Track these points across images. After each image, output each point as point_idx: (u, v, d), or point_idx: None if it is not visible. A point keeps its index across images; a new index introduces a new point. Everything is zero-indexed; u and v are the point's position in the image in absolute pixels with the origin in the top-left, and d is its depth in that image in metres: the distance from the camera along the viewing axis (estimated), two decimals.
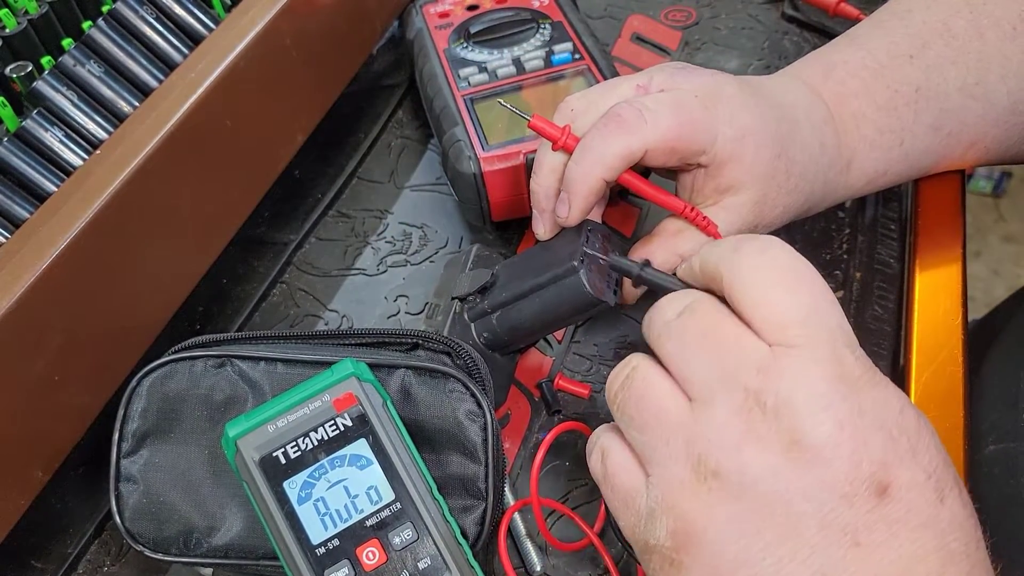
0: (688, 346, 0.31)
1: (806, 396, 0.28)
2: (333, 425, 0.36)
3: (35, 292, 0.37)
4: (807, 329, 0.29)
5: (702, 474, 0.29)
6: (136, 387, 0.39)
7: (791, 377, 0.28)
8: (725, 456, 0.29)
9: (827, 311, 0.30)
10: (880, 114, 0.46)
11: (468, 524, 0.38)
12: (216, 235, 0.48)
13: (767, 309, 0.30)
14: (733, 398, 0.29)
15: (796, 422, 0.28)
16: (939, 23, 0.46)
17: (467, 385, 0.38)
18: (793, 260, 0.31)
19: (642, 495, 0.31)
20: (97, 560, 0.43)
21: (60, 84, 0.43)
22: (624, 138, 0.40)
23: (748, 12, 0.68)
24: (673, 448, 0.30)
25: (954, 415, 0.43)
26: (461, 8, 0.61)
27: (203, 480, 0.39)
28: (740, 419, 0.29)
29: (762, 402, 0.28)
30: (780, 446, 0.28)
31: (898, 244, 0.52)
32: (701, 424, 0.29)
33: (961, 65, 0.46)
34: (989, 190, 1.95)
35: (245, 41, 0.47)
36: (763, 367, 0.29)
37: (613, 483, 0.32)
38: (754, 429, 0.28)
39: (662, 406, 0.31)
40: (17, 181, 0.41)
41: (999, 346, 0.53)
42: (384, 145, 0.62)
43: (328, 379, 0.36)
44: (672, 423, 0.30)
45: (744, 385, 0.29)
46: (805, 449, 0.28)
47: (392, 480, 0.36)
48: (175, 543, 0.39)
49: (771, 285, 0.30)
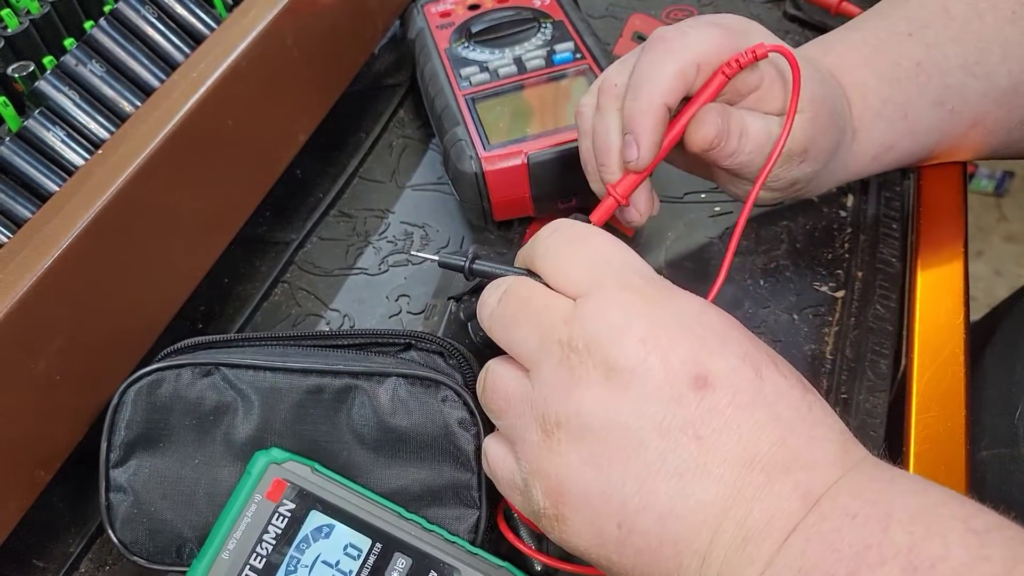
0: (510, 326, 0.34)
1: (606, 327, 0.31)
2: (279, 516, 0.36)
3: (37, 292, 0.37)
4: (594, 274, 0.32)
5: (548, 430, 0.31)
6: (122, 397, 0.39)
7: (590, 317, 0.31)
8: (560, 406, 0.31)
9: (607, 252, 0.33)
10: (883, 84, 0.46)
11: (462, 532, 0.38)
12: (218, 234, 0.48)
13: (559, 271, 0.33)
14: (552, 354, 0.32)
15: (605, 352, 0.30)
16: (937, 6, 0.47)
17: (459, 393, 0.38)
18: (574, 226, 0.35)
19: (516, 472, 0.33)
20: (99, 559, 0.43)
21: (62, 84, 0.43)
22: (674, 55, 0.40)
23: (750, 11, 0.68)
24: (524, 419, 0.32)
25: (956, 415, 0.43)
26: (462, 7, 0.61)
27: (194, 489, 0.39)
28: (563, 369, 0.31)
29: (575, 347, 0.31)
30: (600, 379, 0.30)
31: (900, 243, 0.52)
32: (536, 388, 0.32)
33: (961, 43, 0.46)
34: (991, 189, 1.95)
35: (247, 41, 0.47)
36: (568, 319, 0.32)
37: (496, 474, 0.35)
38: (575, 374, 0.31)
39: (508, 389, 0.33)
40: (19, 181, 0.41)
41: (992, 350, 0.53)
42: (385, 144, 0.62)
43: (250, 480, 0.36)
44: (518, 399, 0.33)
45: (557, 339, 0.32)
46: (620, 372, 0.30)
47: (361, 528, 0.36)
48: (167, 553, 0.39)
49: (559, 251, 0.34)
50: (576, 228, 0.35)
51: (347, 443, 0.39)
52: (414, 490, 0.38)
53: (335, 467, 0.39)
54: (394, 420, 0.38)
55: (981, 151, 0.50)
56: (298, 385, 0.39)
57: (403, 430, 0.38)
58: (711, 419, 0.29)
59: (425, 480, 0.38)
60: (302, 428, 0.39)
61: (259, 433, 0.39)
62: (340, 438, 0.39)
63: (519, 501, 0.34)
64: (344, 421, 0.39)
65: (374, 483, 0.38)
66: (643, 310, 0.31)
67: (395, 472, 0.39)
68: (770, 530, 0.28)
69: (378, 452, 0.39)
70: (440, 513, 0.38)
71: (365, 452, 0.39)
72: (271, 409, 0.39)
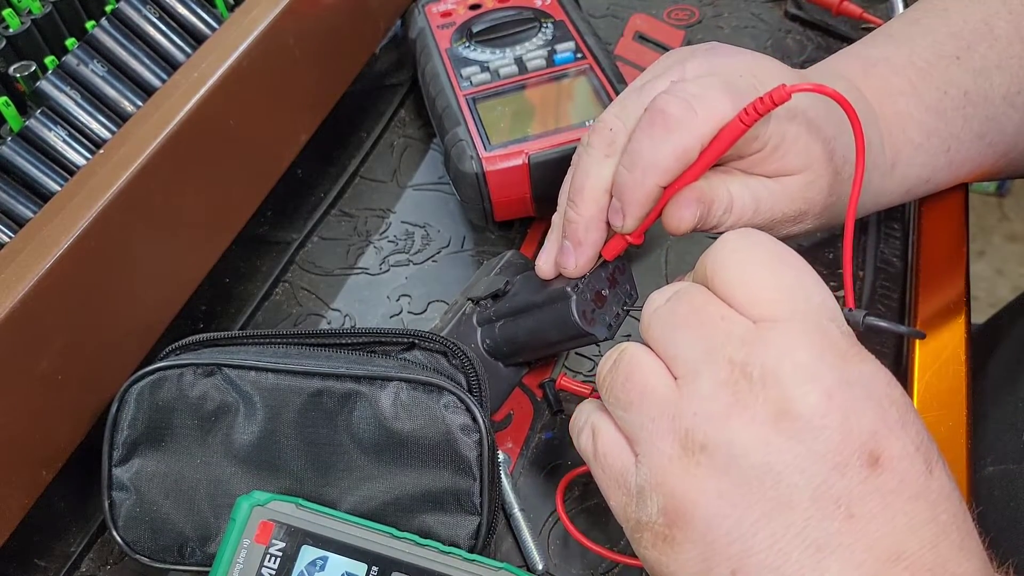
0: (674, 328, 0.31)
1: (792, 366, 0.28)
2: (270, 558, 0.35)
3: (38, 291, 0.37)
4: (791, 303, 0.29)
5: (690, 449, 0.29)
6: (124, 396, 0.39)
7: (776, 348, 0.28)
8: (712, 429, 0.28)
9: (810, 287, 0.30)
10: (928, 116, 0.43)
11: (462, 538, 0.38)
12: (219, 234, 0.48)
13: (749, 288, 0.30)
14: (718, 371, 0.29)
15: (783, 392, 0.27)
16: (980, 23, 0.44)
17: (462, 398, 0.38)
18: (772, 243, 0.31)
19: (631, 474, 0.31)
20: (100, 559, 0.43)
21: (64, 84, 0.43)
22: (675, 137, 0.36)
23: (751, 11, 0.68)
24: (660, 425, 0.30)
25: (957, 415, 0.43)
26: (463, 7, 0.61)
27: (195, 489, 0.39)
28: (726, 391, 0.28)
29: (748, 373, 0.28)
30: (768, 417, 0.27)
31: (901, 243, 0.52)
32: (687, 399, 0.29)
33: (1006, 71, 0.44)
34: (993, 189, 1.95)
35: (248, 41, 0.47)
36: (747, 340, 0.28)
37: (604, 463, 0.32)
38: (740, 401, 0.28)
39: (648, 383, 0.30)
40: (21, 180, 0.41)
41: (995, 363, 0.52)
42: (386, 144, 0.62)
43: (236, 527, 0.36)
44: (658, 400, 0.30)
45: (729, 358, 0.28)
46: (794, 419, 0.27)
47: (355, 555, 0.36)
48: (169, 552, 0.39)
49: (752, 266, 0.30)
50: (777, 246, 0.31)
51: (348, 447, 0.39)
52: (415, 495, 0.38)
53: (336, 471, 0.39)
54: (396, 425, 0.38)
55: (999, 177, 0.50)
56: (300, 387, 0.39)
57: (404, 435, 0.38)
58: (870, 500, 0.27)
59: (426, 485, 0.38)
60: (303, 430, 0.39)
61: (260, 434, 0.39)
62: (341, 441, 0.39)
63: (622, 501, 0.31)
64: (345, 424, 0.38)
65: (374, 487, 0.39)
66: (835, 363, 0.28)
67: (396, 477, 0.38)
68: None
69: (379, 456, 0.38)
70: (441, 519, 0.38)
71: (366, 456, 0.39)
72: (273, 410, 0.39)
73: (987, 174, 0.49)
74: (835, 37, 0.64)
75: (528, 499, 0.43)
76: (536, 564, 0.41)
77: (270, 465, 0.39)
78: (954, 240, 0.50)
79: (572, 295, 0.39)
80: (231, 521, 0.36)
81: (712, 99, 0.36)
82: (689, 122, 0.36)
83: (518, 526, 0.42)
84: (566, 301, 0.40)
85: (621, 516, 0.32)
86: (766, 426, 0.27)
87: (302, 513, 0.36)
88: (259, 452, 0.39)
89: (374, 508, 0.38)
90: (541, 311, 0.41)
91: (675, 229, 0.38)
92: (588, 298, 0.40)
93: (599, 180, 0.39)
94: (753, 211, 0.39)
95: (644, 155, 0.37)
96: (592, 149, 0.40)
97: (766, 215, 0.40)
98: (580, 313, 0.39)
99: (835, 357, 0.28)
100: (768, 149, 0.38)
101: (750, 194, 0.39)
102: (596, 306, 0.40)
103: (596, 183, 0.39)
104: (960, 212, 0.51)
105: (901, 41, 0.45)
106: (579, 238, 0.40)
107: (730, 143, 0.36)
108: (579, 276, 0.40)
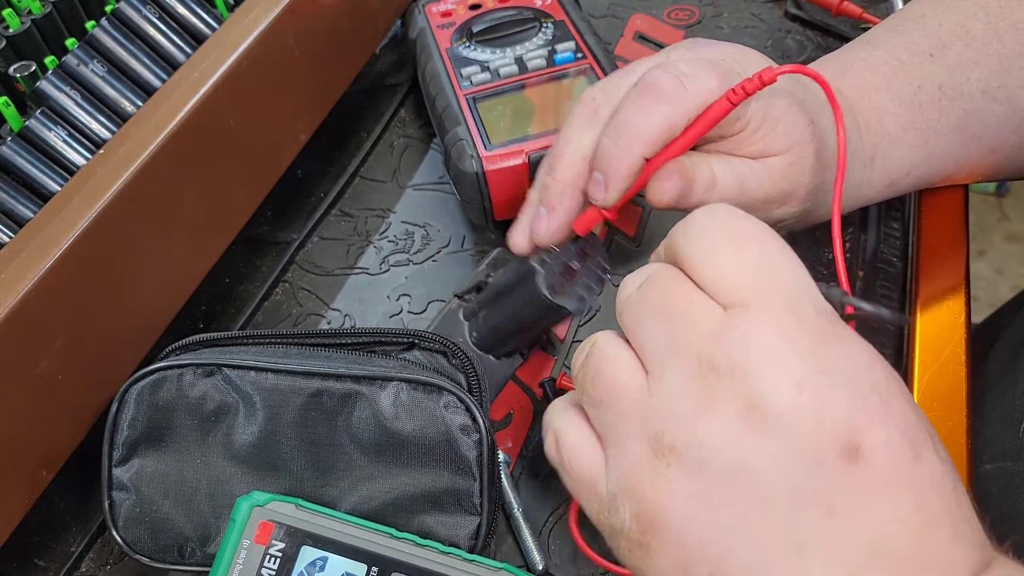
0: (643, 316, 0.29)
1: (760, 356, 0.26)
2: (270, 558, 0.35)
3: (38, 292, 0.37)
4: (758, 285, 0.27)
5: (660, 451, 0.27)
6: (124, 396, 0.39)
7: (743, 338, 0.26)
8: (681, 429, 0.27)
9: (780, 265, 0.28)
10: (903, 109, 0.44)
11: (462, 538, 0.38)
12: (219, 234, 0.48)
13: (714, 271, 0.28)
14: (685, 366, 0.27)
15: (751, 385, 0.26)
16: (956, 25, 0.45)
17: (462, 398, 0.38)
18: (739, 219, 0.29)
19: (602, 480, 0.30)
20: (100, 559, 0.43)
21: (64, 84, 0.43)
22: (664, 108, 0.36)
23: (751, 11, 0.68)
24: (630, 425, 0.28)
25: (957, 414, 0.43)
26: (464, 7, 0.61)
27: (195, 489, 0.39)
28: (694, 388, 0.27)
29: (715, 367, 0.26)
30: (737, 413, 0.26)
31: (901, 243, 0.52)
32: (656, 397, 0.28)
33: (983, 66, 0.45)
34: (993, 189, 1.95)
35: (248, 41, 0.47)
36: (714, 330, 0.27)
37: (570, 469, 0.31)
38: (709, 397, 0.26)
39: (618, 379, 0.29)
40: (21, 181, 0.41)
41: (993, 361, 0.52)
42: (387, 144, 0.62)
43: (236, 527, 0.36)
44: (628, 398, 0.29)
45: (696, 351, 0.27)
46: (763, 414, 0.26)
47: (355, 556, 0.36)
48: (169, 552, 0.39)
49: (717, 245, 0.28)
50: (742, 220, 0.29)
51: (348, 447, 0.39)
52: (414, 495, 0.38)
53: (335, 471, 0.39)
54: (395, 425, 0.38)
55: (995, 175, 0.50)
56: (300, 387, 0.39)
57: (404, 435, 0.38)
58: (850, 495, 0.25)
59: (426, 485, 0.38)
60: (303, 430, 0.39)
61: (260, 434, 0.39)
62: (341, 441, 0.39)
63: (595, 508, 0.30)
64: (345, 425, 0.39)
65: (374, 487, 0.39)
66: (808, 348, 0.26)
67: (395, 477, 0.38)
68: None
69: (379, 456, 0.39)
70: (441, 519, 0.38)
71: (366, 456, 0.39)
72: (273, 411, 0.39)
73: (979, 172, 0.49)
74: (835, 37, 0.64)
75: (528, 499, 0.43)
76: (536, 564, 0.41)
77: (270, 465, 0.39)
78: (954, 240, 0.50)
79: (539, 269, 0.40)
80: (231, 521, 0.36)
81: (702, 77, 0.37)
82: (679, 96, 0.36)
83: (518, 526, 0.42)
84: (533, 275, 0.40)
85: (596, 522, 0.31)
86: (736, 423, 0.26)
87: (302, 513, 0.36)
88: (259, 452, 0.39)
89: (374, 508, 0.38)
90: (514, 291, 0.41)
91: (657, 201, 0.38)
92: (557, 272, 0.40)
93: (579, 146, 0.40)
94: (738, 190, 0.40)
95: (631, 125, 0.37)
96: (574, 119, 0.40)
97: (752, 195, 0.40)
98: (548, 286, 0.39)
99: (809, 342, 0.26)
100: (749, 129, 0.39)
101: (733, 173, 0.39)
102: (566, 279, 0.40)
103: (576, 148, 0.40)
104: (960, 212, 0.51)
105: (878, 44, 0.46)
106: (553, 203, 0.40)
107: (715, 121, 0.36)
108: (549, 245, 0.41)
